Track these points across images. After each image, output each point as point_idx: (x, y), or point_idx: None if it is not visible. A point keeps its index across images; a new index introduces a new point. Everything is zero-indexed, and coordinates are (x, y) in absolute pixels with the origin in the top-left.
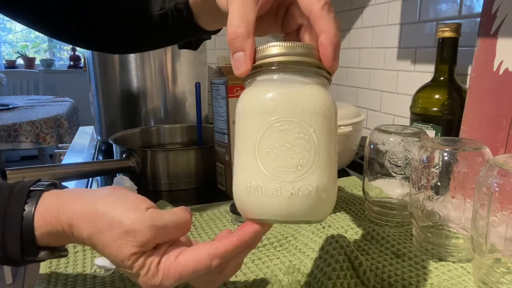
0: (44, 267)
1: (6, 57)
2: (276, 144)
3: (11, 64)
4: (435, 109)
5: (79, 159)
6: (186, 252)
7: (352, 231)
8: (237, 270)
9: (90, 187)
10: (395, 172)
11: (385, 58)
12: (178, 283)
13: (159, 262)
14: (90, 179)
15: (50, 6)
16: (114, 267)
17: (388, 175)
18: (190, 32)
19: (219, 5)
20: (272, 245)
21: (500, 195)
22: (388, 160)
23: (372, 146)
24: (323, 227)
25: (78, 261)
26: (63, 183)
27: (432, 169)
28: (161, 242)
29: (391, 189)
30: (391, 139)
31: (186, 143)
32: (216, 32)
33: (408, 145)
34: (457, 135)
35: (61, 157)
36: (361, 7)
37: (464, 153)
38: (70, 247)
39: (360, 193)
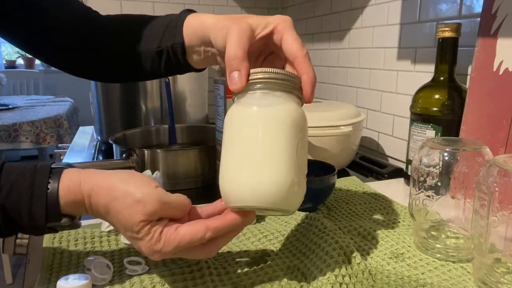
0: (45, 264)
1: (6, 57)
2: (258, 146)
3: (11, 64)
4: (435, 109)
5: (79, 159)
6: (184, 225)
7: (352, 231)
8: (219, 250)
9: None
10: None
11: (385, 58)
12: (176, 250)
13: (161, 231)
14: None
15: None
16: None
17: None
18: (178, 69)
19: (215, 42)
20: (273, 245)
21: (500, 195)
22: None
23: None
24: (323, 227)
25: (72, 260)
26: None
27: (432, 169)
28: (164, 216)
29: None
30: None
31: (186, 143)
32: (201, 70)
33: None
34: (457, 135)
35: (61, 157)
36: (361, 7)
37: (464, 153)
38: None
39: (360, 193)
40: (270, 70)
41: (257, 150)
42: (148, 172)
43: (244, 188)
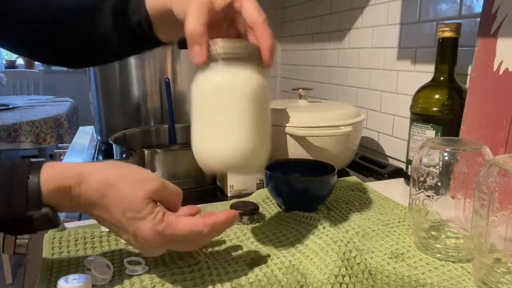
0: (46, 264)
1: (6, 57)
2: (220, 114)
3: (11, 64)
4: (435, 109)
5: (79, 159)
6: (185, 217)
7: (352, 231)
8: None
9: None
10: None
11: (385, 58)
12: (174, 237)
13: (164, 213)
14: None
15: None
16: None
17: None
18: (147, 44)
19: (177, 14)
20: (273, 245)
21: (500, 195)
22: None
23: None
24: (323, 227)
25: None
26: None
27: (432, 169)
28: (163, 199)
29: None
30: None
31: (186, 143)
32: (170, 43)
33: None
34: (457, 135)
35: (61, 157)
36: (361, 7)
37: (464, 153)
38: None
39: (360, 193)
40: (229, 43)
41: (219, 119)
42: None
43: (210, 156)
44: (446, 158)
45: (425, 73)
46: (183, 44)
